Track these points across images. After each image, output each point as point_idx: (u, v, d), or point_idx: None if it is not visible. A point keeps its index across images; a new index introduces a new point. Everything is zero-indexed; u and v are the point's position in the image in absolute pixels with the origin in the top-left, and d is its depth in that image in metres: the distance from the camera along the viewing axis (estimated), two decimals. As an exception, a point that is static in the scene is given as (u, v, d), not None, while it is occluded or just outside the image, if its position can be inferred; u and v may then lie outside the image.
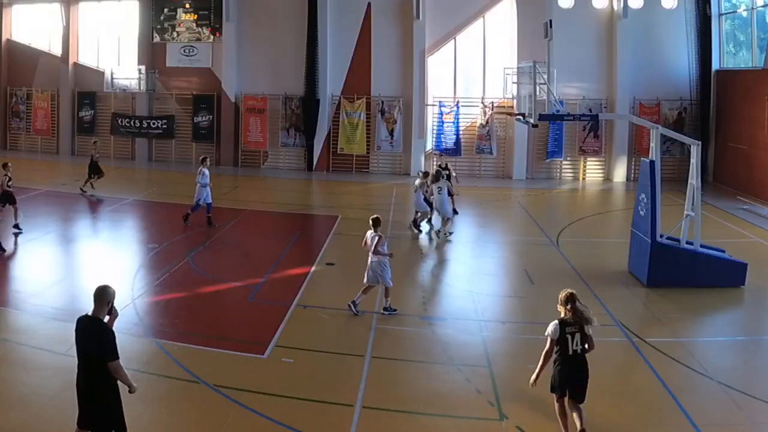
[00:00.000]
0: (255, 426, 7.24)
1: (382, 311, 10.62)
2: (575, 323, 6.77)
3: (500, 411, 7.65)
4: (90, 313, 5.88)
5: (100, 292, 5.89)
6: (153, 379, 8.16)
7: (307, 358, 9.07)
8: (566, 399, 6.88)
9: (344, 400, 7.81)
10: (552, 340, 6.80)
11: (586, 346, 6.82)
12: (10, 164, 15.40)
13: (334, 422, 7.39)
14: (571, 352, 6.74)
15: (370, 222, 10.73)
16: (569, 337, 6.74)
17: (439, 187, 15.59)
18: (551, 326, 6.83)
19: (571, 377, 6.78)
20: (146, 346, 9.21)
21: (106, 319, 5.91)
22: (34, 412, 7.25)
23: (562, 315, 6.89)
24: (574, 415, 6.85)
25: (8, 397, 7.57)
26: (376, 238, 10.54)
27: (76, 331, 5.93)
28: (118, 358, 5.75)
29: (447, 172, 18.31)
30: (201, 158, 16.83)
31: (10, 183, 15.15)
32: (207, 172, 16.07)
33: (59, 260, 13.95)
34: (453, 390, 8.26)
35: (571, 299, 6.86)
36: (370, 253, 10.57)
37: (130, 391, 5.98)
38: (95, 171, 20.10)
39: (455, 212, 17.45)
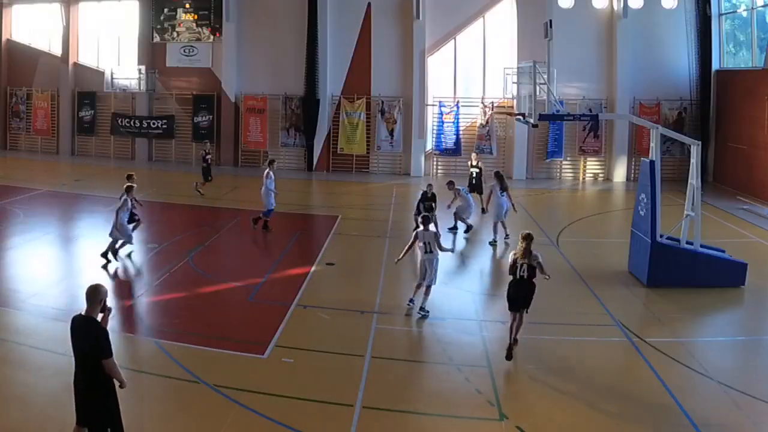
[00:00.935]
0: (255, 426, 7.24)
1: (419, 311, 10.64)
2: (524, 257, 8.93)
3: (500, 411, 7.65)
4: (83, 313, 5.93)
5: (92, 291, 5.94)
6: (153, 379, 8.16)
7: (307, 358, 9.07)
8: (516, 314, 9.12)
9: (344, 400, 7.81)
10: (509, 266, 9.13)
11: (537, 272, 9.01)
12: (134, 175, 14.23)
13: (334, 422, 7.38)
14: (518, 277, 9.00)
15: (421, 220, 10.94)
16: (518, 266, 8.98)
17: (502, 191, 15.22)
18: (510, 256, 9.22)
19: (518, 294, 9.04)
20: (146, 346, 9.21)
21: (100, 317, 5.96)
22: (34, 412, 7.25)
23: (519, 247, 9.03)
24: (515, 324, 9.10)
25: (8, 397, 7.58)
26: (433, 234, 10.75)
27: (71, 330, 5.98)
28: (112, 355, 5.82)
29: (478, 171, 18.27)
30: (268, 161, 16.54)
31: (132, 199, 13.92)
32: (273, 176, 15.86)
33: (59, 260, 13.95)
34: (453, 390, 8.26)
35: (527, 238, 9.01)
36: (423, 252, 10.68)
37: (120, 386, 5.99)
38: (206, 174, 20.16)
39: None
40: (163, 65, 27.14)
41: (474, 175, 18.38)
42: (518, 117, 14.45)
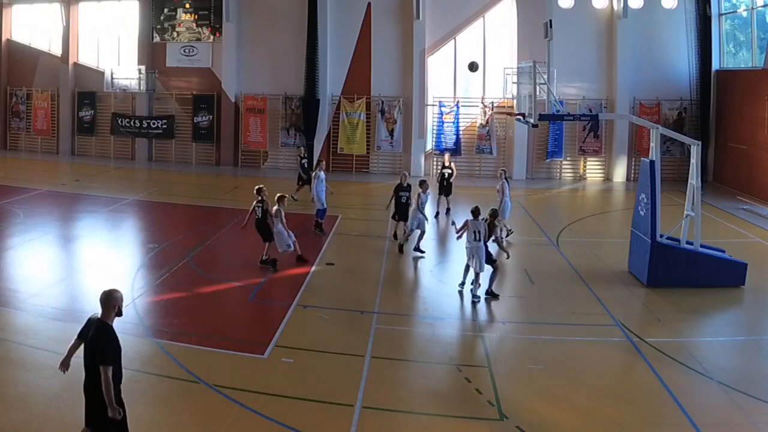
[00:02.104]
0: (255, 426, 7.24)
1: (476, 296, 11.35)
2: (482, 225, 11.35)
3: (500, 411, 7.65)
4: (99, 316, 5.92)
5: (106, 296, 5.93)
6: (153, 379, 8.16)
7: (307, 358, 9.07)
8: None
9: (344, 400, 7.81)
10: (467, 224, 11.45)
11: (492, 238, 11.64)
12: (264, 188, 13.30)
13: (334, 422, 7.39)
14: (473, 235, 11.34)
15: (471, 210, 11.60)
16: (475, 231, 11.32)
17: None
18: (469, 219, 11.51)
19: (471, 256, 11.33)
20: (146, 346, 9.21)
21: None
22: (34, 412, 7.25)
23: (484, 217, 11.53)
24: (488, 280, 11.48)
25: (8, 397, 7.58)
26: (483, 225, 11.47)
27: (84, 328, 5.99)
28: (110, 365, 5.73)
29: (450, 172, 18.29)
30: (317, 161, 16.49)
31: (262, 210, 12.99)
32: (323, 175, 15.81)
33: (59, 260, 13.94)
34: (453, 390, 8.27)
35: (493, 215, 11.70)
36: (471, 239, 11.38)
37: (109, 413, 5.73)
38: (302, 177, 19.62)
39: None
40: (163, 65, 27.12)
41: (446, 176, 18.31)
42: (518, 117, 14.44)
